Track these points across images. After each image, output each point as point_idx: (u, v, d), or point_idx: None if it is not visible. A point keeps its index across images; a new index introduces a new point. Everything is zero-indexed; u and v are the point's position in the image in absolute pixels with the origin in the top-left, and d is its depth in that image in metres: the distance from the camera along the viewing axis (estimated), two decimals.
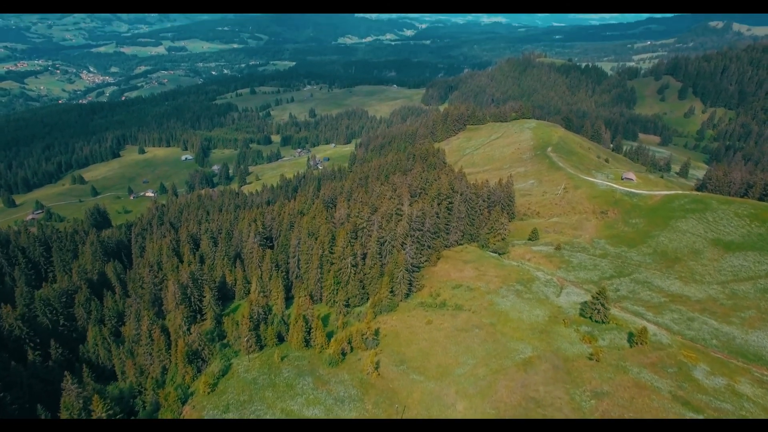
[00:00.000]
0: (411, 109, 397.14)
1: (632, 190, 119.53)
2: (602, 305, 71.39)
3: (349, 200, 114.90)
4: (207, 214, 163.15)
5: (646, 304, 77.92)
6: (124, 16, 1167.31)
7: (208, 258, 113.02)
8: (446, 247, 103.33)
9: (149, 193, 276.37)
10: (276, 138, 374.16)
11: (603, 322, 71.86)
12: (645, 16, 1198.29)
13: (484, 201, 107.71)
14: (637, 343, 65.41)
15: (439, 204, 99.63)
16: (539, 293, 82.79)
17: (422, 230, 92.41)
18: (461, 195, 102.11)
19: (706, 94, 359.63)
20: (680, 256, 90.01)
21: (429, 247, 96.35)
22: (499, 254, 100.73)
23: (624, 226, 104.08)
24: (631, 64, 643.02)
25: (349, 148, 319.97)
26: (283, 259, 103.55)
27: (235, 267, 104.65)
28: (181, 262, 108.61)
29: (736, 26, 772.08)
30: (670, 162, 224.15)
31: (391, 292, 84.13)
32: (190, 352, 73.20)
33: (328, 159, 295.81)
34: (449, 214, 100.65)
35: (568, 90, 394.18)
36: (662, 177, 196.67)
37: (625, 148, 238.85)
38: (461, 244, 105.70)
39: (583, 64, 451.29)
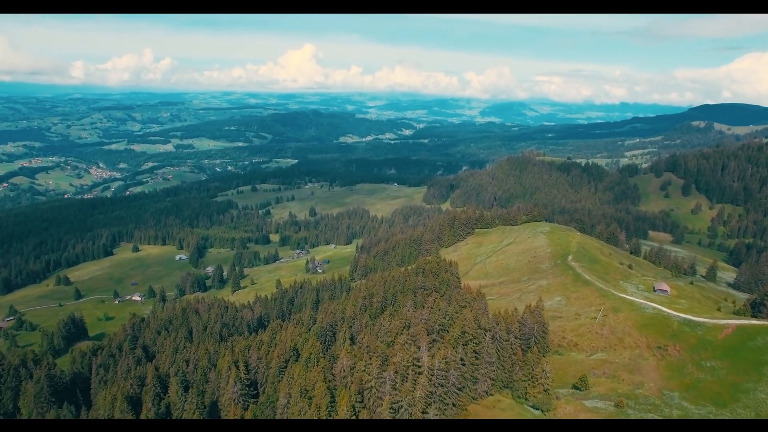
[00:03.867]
0: (413, 209, 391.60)
1: (689, 316, 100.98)
2: None
3: (351, 333, 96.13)
4: (189, 335, 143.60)
5: None
6: (138, 117, 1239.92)
7: (176, 409, 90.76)
8: (473, 399, 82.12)
9: (136, 297, 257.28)
10: (275, 237, 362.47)
11: None
12: (630, 115, 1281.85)
13: (516, 338, 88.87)
14: None
15: (464, 346, 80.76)
16: None
17: (446, 386, 72.47)
18: (489, 333, 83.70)
19: (711, 191, 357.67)
20: None
21: (454, 404, 75.46)
22: (543, 411, 79.34)
23: (697, 371, 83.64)
24: (625, 160, 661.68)
25: (350, 250, 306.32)
26: (270, 417, 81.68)
27: None
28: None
29: (717, 126, 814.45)
30: (695, 264, 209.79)
31: None
32: None
33: (328, 261, 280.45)
34: (476, 358, 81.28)
35: (570, 188, 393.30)
36: (692, 283, 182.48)
37: (643, 249, 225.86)
38: (491, 395, 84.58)
39: (582, 162, 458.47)
